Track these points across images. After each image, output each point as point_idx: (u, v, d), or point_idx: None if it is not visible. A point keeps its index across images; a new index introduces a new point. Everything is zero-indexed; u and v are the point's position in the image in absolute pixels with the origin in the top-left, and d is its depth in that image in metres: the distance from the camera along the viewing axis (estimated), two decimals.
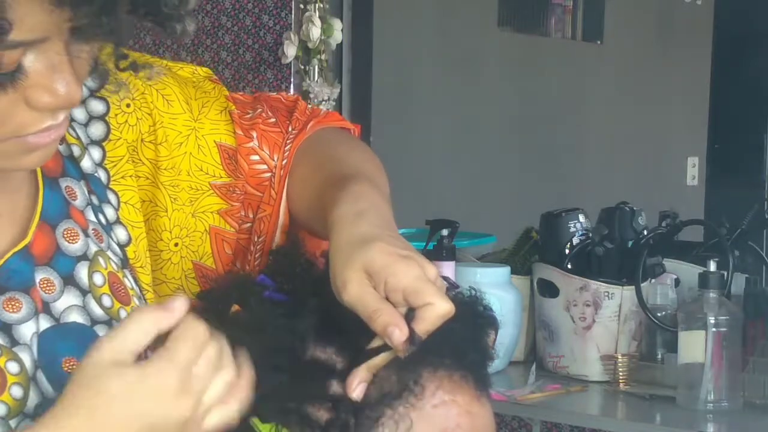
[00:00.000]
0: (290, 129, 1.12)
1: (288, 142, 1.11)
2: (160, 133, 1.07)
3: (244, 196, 1.10)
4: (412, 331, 0.86)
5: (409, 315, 0.87)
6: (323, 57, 3.07)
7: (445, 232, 2.24)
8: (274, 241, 1.10)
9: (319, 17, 3.03)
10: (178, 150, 1.07)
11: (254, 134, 1.11)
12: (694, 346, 2.00)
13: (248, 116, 1.12)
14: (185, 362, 0.81)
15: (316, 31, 3.02)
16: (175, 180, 1.07)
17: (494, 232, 2.68)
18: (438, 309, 0.86)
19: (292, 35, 3.06)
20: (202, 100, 1.10)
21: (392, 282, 0.87)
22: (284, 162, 1.10)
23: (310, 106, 1.18)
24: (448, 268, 2.18)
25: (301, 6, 3.07)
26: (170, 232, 1.07)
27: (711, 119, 5.19)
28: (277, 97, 1.16)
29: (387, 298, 0.87)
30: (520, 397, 2.12)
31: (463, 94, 4.14)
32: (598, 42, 4.77)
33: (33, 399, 0.92)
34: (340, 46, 3.14)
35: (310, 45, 3.04)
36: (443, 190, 3.97)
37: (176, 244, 1.08)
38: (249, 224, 1.11)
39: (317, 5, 3.04)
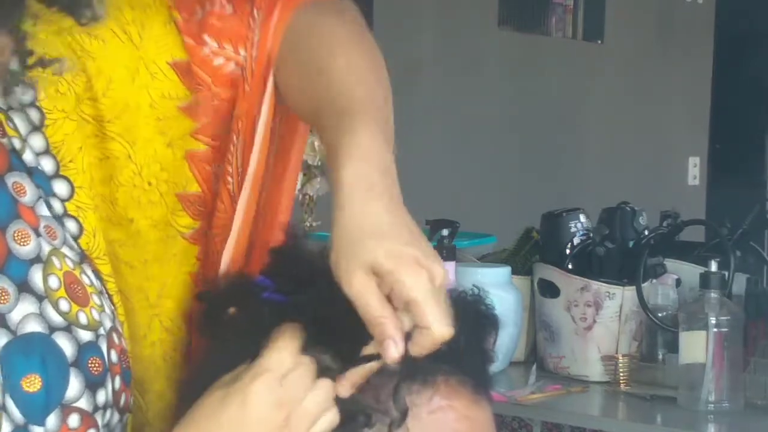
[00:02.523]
0: (255, 13, 1.03)
1: (256, 30, 1.02)
2: (99, 85, 0.99)
3: (217, 103, 1.03)
4: (407, 351, 0.85)
5: (409, 334, 0.86)
6: None
7: (445, 232, 2.23)
8: (256, 142, 1.03)
9: None
10: (131, 87, 1.00)
11: (207, 37, 1.03)
12: (695, 347, 1.99)
13: (197, 18, 1.02)
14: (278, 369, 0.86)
15: None
16: (132, 120, 1.00)
17: (494, 232, 2.68)
18: (434, 335, 0.84)
19: None
20: (140, 21, 1.01)
21: (397, 290, 0.85)
22: (254, 53, 1.02)
23: None
24: (449, 269, 2.17)
25: None
26: (140, 175, 1.01)
27: (712, 119, 5.19)
28: None
29: (389, 297, 0.86)
30: (520, 398, 2.11)
31: (463, 94, 4.13)
32: (599, 42, 4.77)
33: (6, 428, 0.87)
34: None
35: None
36: (443, 190, 3.97)
37: (150, 183, 1.02)
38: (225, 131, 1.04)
39: None
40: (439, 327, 0.85)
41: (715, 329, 1.98)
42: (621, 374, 2.14)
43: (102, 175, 1.00)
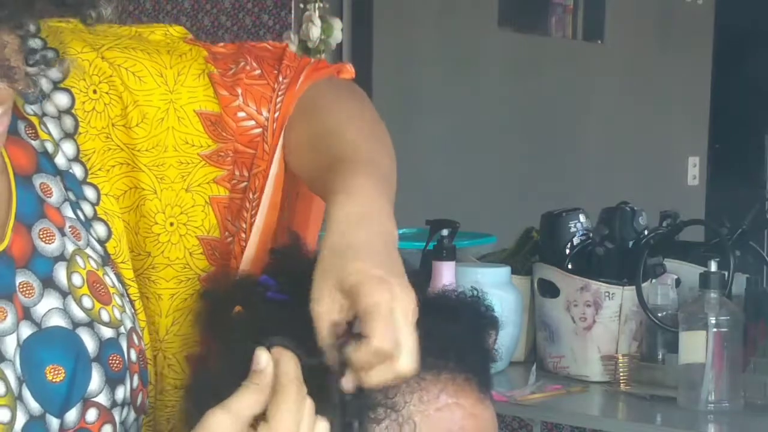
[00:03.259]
0: (280, 79, 1.08)
1: (280, 93, 1.07)
2: (134, 115, 1.03)
3: (236, 155, 1.07)
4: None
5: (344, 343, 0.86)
6: (323, 56, 3.07)
7: (445, 232, 2.23)
8: (265, 194, 1.07)
9: (319, 17, 3.04)
10: (160, 126, 1.04)
11: (239, 90, 1.07)
12: (695, 347, 1.99)
13: (231, 72, 1.08)
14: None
15: (315, 31, 3.02)
16: (161, 158, 1.04)
17: (494, 232, 2.68)
18: (371, 344, 0.84)
19: (291, 35, 3.06)
20: (177, 68, 1.06)
21: (357, 304, 0.85)
22: (276, 115, 1.07)
23: None
24: (448, 269, 2.17)
25: (301, 5, 3.07)
26: (164, 213, 1.04)
27: (712, 119, 5.19)
28: (262, 46, 1.12)
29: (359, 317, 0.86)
30: (520, 398, 2.11)
31: (463, 94, 4.14)
32: (599, 41, 4.77)
33: (20, 420, 0.89)
34: (340, 45, 3.14)
35: (309, 44, 3.04)
36: (443, 190, 3.97)
37: (172, 224, 1.05)
38: (244, 183, 1.08)
39: (317, 5, 3.05)
40: (379, 338, 0.83)
41: (715, 329, 1.98)
42: (621, 374, 2.14)
43: (129, 203, 1.03)
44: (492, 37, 4.28)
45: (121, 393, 0.96)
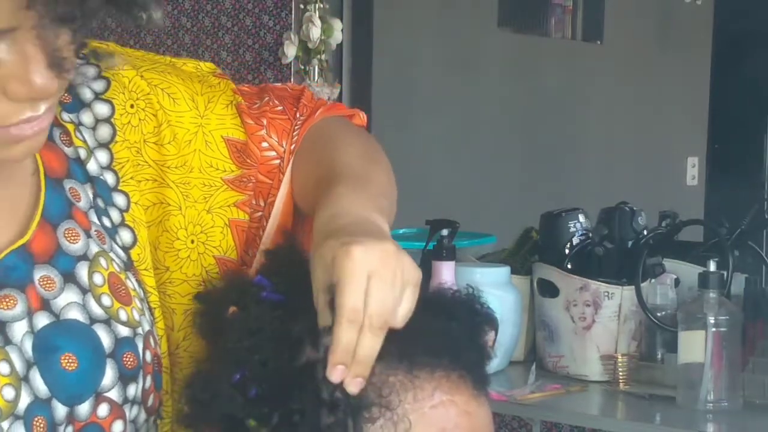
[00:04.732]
0: (298, 115, 1.13)
1: (296, 127, 1.12)
2: (166, 133, 1.07)
3: (256, 183, 1.11)
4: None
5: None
6: (323, 57, 3.07)
7: (445, 232, 2.23)
8: (274, 219, 1.11)
9: (319, 17, 3.04)
10: (187, 147, 1.08)
11: (264, 122, 1.12)
12: (694, 346, 2.00)
13: (256, 106, 1.13)
14: None
15: (316, 31, 3.02)
16: (186, 177, 1.08)
17: (494, 232, 2.68)
18: (343, 306, 0.87)
19: (292, 35, 3.06)
20: (208, 95, 1.11)
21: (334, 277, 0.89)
22: (293, 147, 1.12)
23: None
24: (448, 268, 2.18)
25: (301, 6, 3.08)
26: (186, 230, 1.08)
27: (711, 119, 5.19)
28: (282, 87, 1.17)
29: None
30: (520, 397, 2.12)
31: (463, 94, 4.14)
32: (598, 42, 4.77)
33: (25, 399, 0.93)
34: (340, 46, 3.15)
35: (310, 45, 3.04)
36: (443, 190, 3.97)
37: (192, 241, 1.08)
38: (260, 213, 1.12)
39: (317, 5, 3.05)
40: (350, 300, 0.86)
41: (714, 329, 1.98)
42: (620, 374, 2.14)
43: (152, 218, 1.07)
44: (492, 37, 4.28)
45: (132, 390, 0.98)
